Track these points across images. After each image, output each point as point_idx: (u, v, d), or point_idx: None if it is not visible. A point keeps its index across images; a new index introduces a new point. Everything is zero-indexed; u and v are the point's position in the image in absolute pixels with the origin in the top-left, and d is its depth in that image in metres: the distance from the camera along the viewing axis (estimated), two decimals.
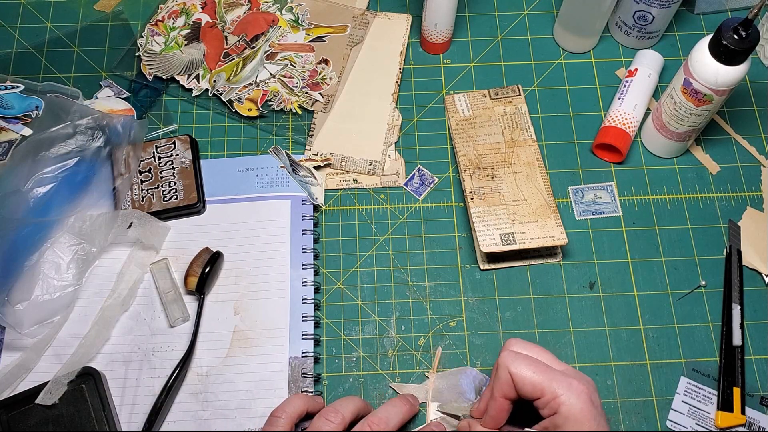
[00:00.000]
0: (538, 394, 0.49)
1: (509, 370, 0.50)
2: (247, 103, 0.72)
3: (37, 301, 0.59)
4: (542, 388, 0.49)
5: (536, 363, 0.50)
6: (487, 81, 0.74)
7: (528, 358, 0.50)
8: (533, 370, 0.49)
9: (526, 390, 0.49)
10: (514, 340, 0.53)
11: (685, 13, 0.78)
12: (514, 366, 0.50)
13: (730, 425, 0.59)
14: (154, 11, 0.77)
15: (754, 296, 0.64)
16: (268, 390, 0.60)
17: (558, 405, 0.48)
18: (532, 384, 0.49)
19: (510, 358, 0.50)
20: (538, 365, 0.50)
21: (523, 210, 0.65)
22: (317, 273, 0.65)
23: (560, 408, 0.48)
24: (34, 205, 0.62)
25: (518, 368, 0.50)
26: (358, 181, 0.70)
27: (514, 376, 0.50)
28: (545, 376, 0.49)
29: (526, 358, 0.50)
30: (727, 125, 0.72)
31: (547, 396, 0.49)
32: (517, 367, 0.50)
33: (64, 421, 0.57)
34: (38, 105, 0.69)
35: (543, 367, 0.50)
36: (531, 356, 0.51)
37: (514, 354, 0.51)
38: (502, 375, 0.50)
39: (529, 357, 0.51)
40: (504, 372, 0.50)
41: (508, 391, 0.50)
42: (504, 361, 0.50)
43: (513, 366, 0.50)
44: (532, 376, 0.49)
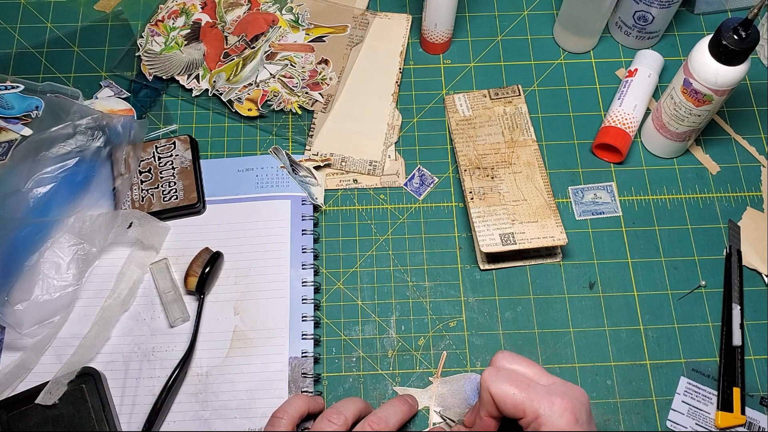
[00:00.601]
0: (519, 414, 0.47)
1: (489, 390, 0.48)
2: (247, 103, 0.72)
3: (37, 301, 0.59)
4: (523, 408, 0.47)
5: (518, 381, 0.48)
6: (487, 81, 0.74)
7: (510, 375, 0.49)
8: (514, 388, 0.48)
9: (507, 410, 0.48)
10: (502, 354, 0.51)
11: (685, 13, 0.78)
12: (494, 386, 0.48)
13: (730, 425, 0.59)
14: (154, 11, 0.77)
15: (754, 296, 0.64)
16: (268, 390, 0.60)
17: (539, 425, 0.46)
18: (513, 404, 0.47)
19: (492, 376, 0.49)
20: (520, 383, 0.48)
21: (523, 210, 0.65)
22: (317, 273, 0.65)
23: (541, 428, 0.46)
24: (34, 205, 0.62)
25: (499, 387, 0.48)
26: (358, 181, 0.70)
27: (495, 396, 0.48)
28: (526, 394, 0.47)
29: (508, 375, 0.49)
30: (727, 125, 0.72)
31: (528, 416, 0.47)
32: (498, 387, 0.48)
33: (64, 421, 0.57)
34: (38, 105, 0.69)
35: (524, 385, 0.48)
36: (515, 372, 0.49)
37: (495, 372, 0.49)
38: (483, 395, 0.49)
39: (512, 374, 0.49)
40: (485, 393, 0.49)
41: (492, 410, 0.49)
42: (485, 380, 0.49)
43: (493, 386, 0.48)
44: (513, 396, 0.47)
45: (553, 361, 0.62)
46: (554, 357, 0.62)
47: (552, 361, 0.62)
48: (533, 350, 0.62)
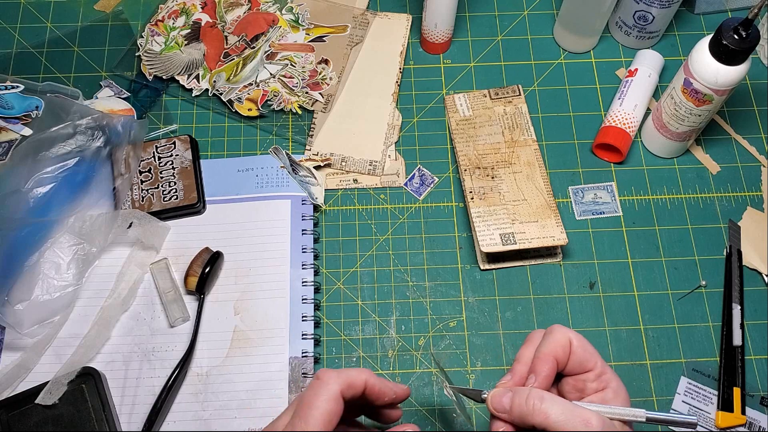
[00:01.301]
0: (591, 365, 0.46)
1: (570, 336, 0.46)
2: (247, 103, 0.72)
3: (37, 301, 0.59)
4: (596, 360, 0.46)
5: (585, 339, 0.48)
6: (487, 81, 0.74)
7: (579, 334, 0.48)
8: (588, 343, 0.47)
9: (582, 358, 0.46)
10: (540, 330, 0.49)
11: (685, 13, 0.78)
12: (572, 334, 0.47)
13: (730, 425, 0.59)
14: (154, 11, 0.77)
15: (754, 296, 0.64)
16: (268, 390, 0.60)
17: (608, 380, 0.46)
18: (590, 353, 0.46)
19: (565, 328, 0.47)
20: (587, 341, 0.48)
21: (523, 210, 0.65)
22: (317, 273, 0.65)
23: (610, 383, 0.46)
24: (34, 205, 0.62)
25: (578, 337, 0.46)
26: (358, 181, 0.70)
27: (574, 343, 0.46)
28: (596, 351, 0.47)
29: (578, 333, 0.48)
30: (727, 125, 0.72)
31: (598, 369, 0.46)
32: (578, 336, 0.46)
33: (64, 421, 0.57)
34: (38, 105, 0.69)
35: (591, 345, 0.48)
36: None
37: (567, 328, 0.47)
38: (559, 339, 0.46)
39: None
40: (563, 337, 0.46)
41: (562, 354, 0.46)
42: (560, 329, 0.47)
43: (572, 334, 0.47)
44: (589, 346, 0.46)
45: None
46: None
47: None
48: None
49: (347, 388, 0.42)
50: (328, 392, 0.41)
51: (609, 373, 0.46)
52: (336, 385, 0.42)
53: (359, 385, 0.43)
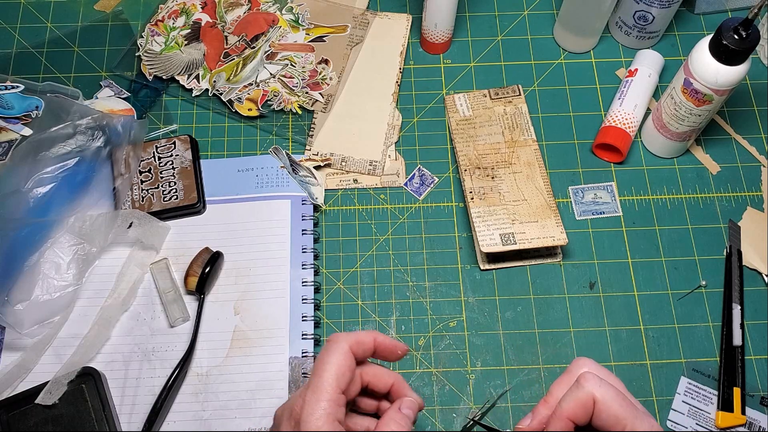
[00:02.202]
0: (619, 426, 0.42)
1: (594, 395, 0.43)
2: (247, 103, 0.72)
3: (37, 301, 0.59)
4: (625, 424, 0.42)
5: (621, 394, 0.43)
6: (487, 81, 0.74)
7: (613, 386, 0.44)
8: (620, 402, 0.43)
9: (606, 422, 0.43)
10: (586, 360, 0.45)
11: (685, 13, 0.78)
12: (600, 391, 0.43)
13: (730, 425, 0.59)
14: (154, 11, 0.77)
15: (754, 296, 0.64)
16: (268, 390, 0.60)
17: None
18: (617, 416, 0.42)
19: (596, 381, 0.43)
20: (623, 398, 0.43)
21: (523, 210, 0.65)
22: (317, 273, 0.65)
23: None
24: (34, 205, 0.62)
25: (606, 393, 0.43)
26: (358, 181, 0.70)
27: (599, 403, 0.43)
28: (630, 411, 0.43)
29: (611, 386, 0.44)
30: (727, 125, 0.72)
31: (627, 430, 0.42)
32: (605, 392, 0.43)
33: (64, 421, 0.57)
34: (38, 105, 0.69)
35: (627, 401, 0.43)
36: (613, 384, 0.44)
37: (599, 378, 0.43)
38: (581, 396, 0.43)
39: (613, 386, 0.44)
40: (586, 395, 0.43)
41: (582, 415, 0.43)
42: (587, 383, 0.43)
43: (599, 391, 0.43)
44: (618, 408, 0.42)
45: (553, 361, 0.62)
46: (554, 357, 0.62)
47: (552, 361, 0.62)
48: (533, 350, 0.62)
49: (356, 344, 0.45)
50: (338, 349, 0.44)
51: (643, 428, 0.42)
52: (345, 342, 0.45)
53: (368, 341, 0.46)
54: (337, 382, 0.43)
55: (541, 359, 0.62)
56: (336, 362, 0.44)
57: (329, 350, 0.45)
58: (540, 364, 0.62)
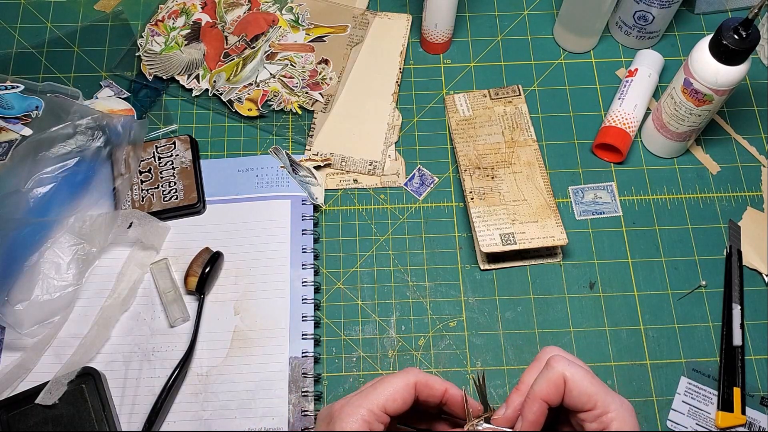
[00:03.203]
0: (590, 405, 0.44)
1: (564, 374, 0.44)
2: (247, 103, 0.72)
3: (37, 301, 0.59)
4: (596, 400, 0.43)
5: (589, 373, 0.45)
6: (487, 81, 0.74)
7: (582, 366, 0.45)
8: (589, 379, 0.44)
9: (577, 399, 0.44)
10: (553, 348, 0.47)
11: (685, 13, 0.78)
12: (570, 371, 0.44)
13: (730, 425, 0.59)
14: (154, 11, 0.77)
15: (754, 296, 0.64)
16: (268, 390, 0.60)
17: (609, 421, 0.43)
18: (588, 394, 0.43)
19: (564, 362, 0.44)
20: (592, 376, 0.44)
21: (523, 210, 0.65)
22: (317, 273, 0.65)
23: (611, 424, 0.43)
24: (34, 205, 0.62)
25: (574, 372, 0.44)
26: (358, 181, 0.70)
27: (569, 382, 0.44)
28: (600, 387, 0.44)
29: (579, 366, 0.45)
30: (727, 125, 0.72)
31: (598, 410, 0.44)
32: (574, 371, 0.44)
33: (64, 421, 0.57)
34: (38, 105, 0.69)
35: (596, 379, 0.44)
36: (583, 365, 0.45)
37: (567, 360, 0.45)
38: (552, 377, 0.44)
39: (580, 365, 0.45)
40: (556, 374, 0.44)
41: (554, 395, 0.44)
42: (557, 363, 0.44)
43: (569, 370, 0.44)
44: (588, 385, 0.44)
45: None
46: None
47: None
48: (533, 350, 0.62)
49: (424, 385, 0.45)
50: (405, 378, 0.45)
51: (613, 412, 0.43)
52: (414, 376, 0.45)
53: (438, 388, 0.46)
54: (386, 401, 0.44)
55: None
56: (396, 386, 0.44)
57: (397, 375, 0.45)
58: None
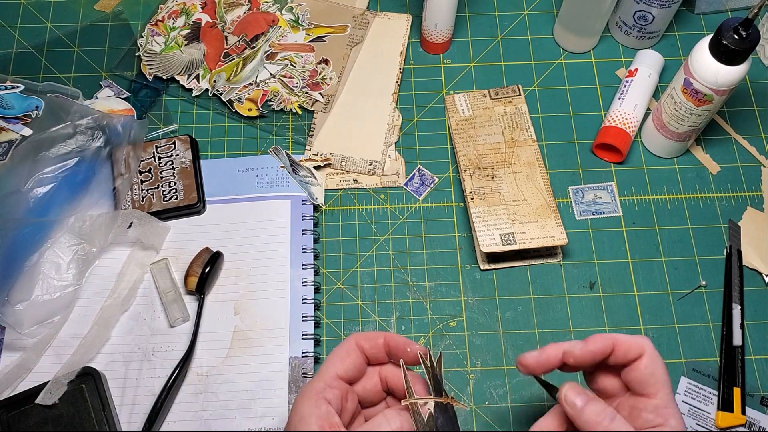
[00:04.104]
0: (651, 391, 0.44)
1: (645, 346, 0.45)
2: (247, 103, 0.72)
3: (37, 301, 0.59)
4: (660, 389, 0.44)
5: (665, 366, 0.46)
6: (487, 81, 0.74)
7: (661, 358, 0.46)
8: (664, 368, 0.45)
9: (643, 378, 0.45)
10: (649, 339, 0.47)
11: (685, 13, 0.78)
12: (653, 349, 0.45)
13: (730, 425, 0.59)
14: (154, 11, 0.77)
15: (754, 296, 0.64)
16: (268, 390, 0.60)
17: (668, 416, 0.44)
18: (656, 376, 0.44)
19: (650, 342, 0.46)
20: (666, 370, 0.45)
21: (523, 210, 0.65)
22: (317, 273, 0.65)
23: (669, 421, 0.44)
24: (34, 205, 0.62)
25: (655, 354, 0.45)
26: (358, 181, 0.70)
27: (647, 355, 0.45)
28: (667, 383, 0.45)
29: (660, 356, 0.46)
30: (727, 125, 0.72)
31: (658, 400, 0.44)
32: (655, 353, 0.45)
33: (64, 421, 0.57)
34: (38, 105, 0.69)
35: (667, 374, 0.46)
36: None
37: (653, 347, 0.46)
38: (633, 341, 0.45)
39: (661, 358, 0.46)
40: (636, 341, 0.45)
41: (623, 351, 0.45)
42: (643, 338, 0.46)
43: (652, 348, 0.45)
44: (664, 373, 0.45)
45: None
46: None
47: None
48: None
49: (365, 339, 0.47)
50: (345, 342, 0.48)
51: (672, 409, 0.44)
52: (353, 337, 0.48)
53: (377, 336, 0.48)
54: (334, 367, 0.46)
55: None
56: (338, 352, 0.47)
57: (341, 343, 0.48)
58: None
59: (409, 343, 0.48)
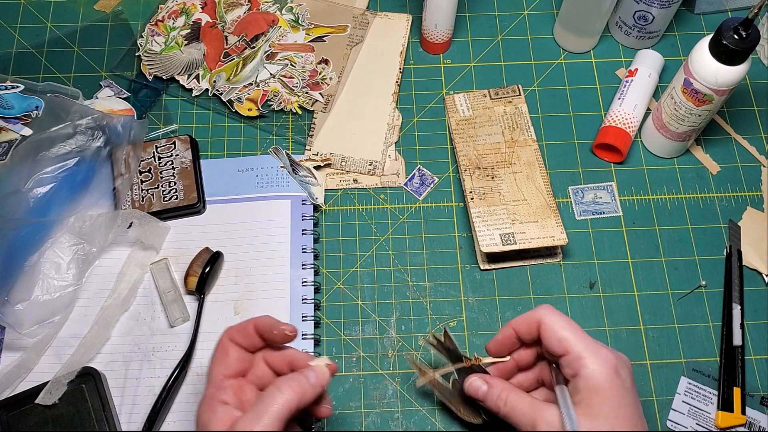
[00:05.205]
0: (562, 350, 0.48)
1: (539, 317, 0.49)
2: (247, 103, 0.72)
3: (37, 301, 0.59)
4: (568, 346, 0.48)
5: (571, 323, 0.49)
6: (487, 81, 0.74)
7: (565, 317, 0.50)
8: (565, 326, 0.49)
9: (550, 342, 0.48)
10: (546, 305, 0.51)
11: (685, 13, 0.78)
12: (548, 316, 0.49)
13: (730, 425, 0.59)
14: (154, 11, 0.77)
15: (754, 296, 0.64)
16: None
17: (580, 367, 0.47)
18: (559, 339, 0.48)
19: (546, 309, 0.50)
20: (573, 326, 0.49)
21: (523, 210, 0.65)
22: (317, 273, 0.65)
23: (581, 371, 0.47)
24: (34, 205, 0.62)
25: (551, 319, 0.49)
26: (358, 181, 0.70)
27: (543, 324, 0.49)
28: (576, 335, 0.48)
29: (563, 316, 0.49)
30: (727, 125, 0.72)
31: (571, 354, 0.47)
32: (550, 318, 0.49)
33: (64, 421, 0.57)
34: (38, 105, 0.69)
35: (576, 329, 0.49)
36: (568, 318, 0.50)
37: (552, 310, 0.50)
38: (528, 316, 0.50)
39: (566, 317, 0.50)
40: (531, 316, 0.50)
41: (525, 329, 0.50)
42: (538, 309, 0.50)
43: (547, 316, 0.49)
44: (562, 331, 0.48)
45: None
46: None
47: None
48: None
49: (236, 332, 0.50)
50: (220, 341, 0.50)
51: (588, 359, 0.47)
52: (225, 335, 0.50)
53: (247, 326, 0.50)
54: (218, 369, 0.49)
55: None
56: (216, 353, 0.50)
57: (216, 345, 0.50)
58: None
59: (274, 325, 0.50)
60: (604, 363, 0.47)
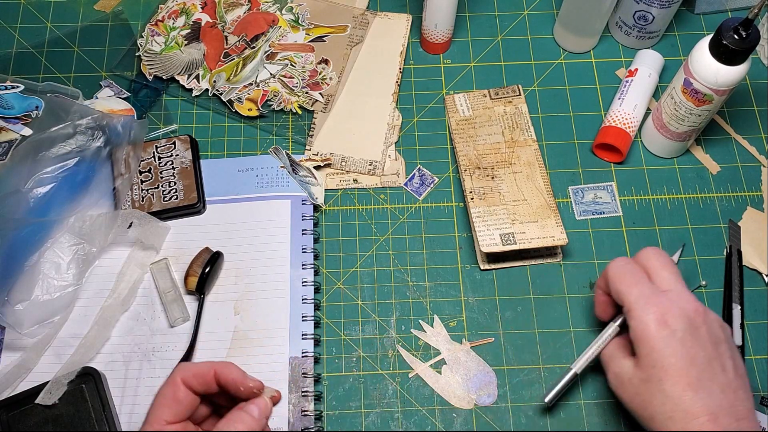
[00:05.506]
0: (620, 302, 0.51)
1: (608, 269, 0.53)
2: (247, 103, 0.72)
3: (37, 301, 0.59)
4: (622, 298, 0.51)
5: (634, 273, 0.52)
6: (487, 81, 0.74)
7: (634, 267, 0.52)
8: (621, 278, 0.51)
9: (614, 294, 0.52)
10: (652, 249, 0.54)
11: (685, 13, 0.78)
12: (610, 270, 0.53)
13: None
14: (154, 11, 0.77)
15: (754, 296, 0.64)
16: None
17: (630, 318, 0.50)
18: (616, 292, 0.52)
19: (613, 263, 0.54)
20: (635, 275, 0.51)
21: (523, 210, 0.65)
22: (317, 273, 0.65)
23: (630, 322, 0.50)
24: (34, 205, 0.62)
25: (610, 273, 0.53)
26: (358, 181, 0.70)
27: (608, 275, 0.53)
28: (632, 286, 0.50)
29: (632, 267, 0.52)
30: (727, 125, 0.72)
31: (625, 306, 0.51)
32: (611, 273, 0.53)
33: (64, 421, 0.57)
34: (38, 105, 0.69)
35: (635, 279, 0.51)
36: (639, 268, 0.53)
37: (617, 263, 0.53)
38: (604, 273, 0.55)
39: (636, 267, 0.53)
40: (605, 272, 0.54)
41: (603, 285, 0.55)
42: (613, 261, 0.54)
43: (609, 270, 0.53)
44: (616, 284, 0.52)
45: (553, 361, 0.62)
46: (554, 357, 0.62)
47: (552, 361, 0.62)
48: (533, 350, 0.62)
49: (192, 377, 0.47)
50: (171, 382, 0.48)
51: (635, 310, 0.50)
52: (178, 374, 0.48)
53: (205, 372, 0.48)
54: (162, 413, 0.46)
55: (541, 359, 0.62)
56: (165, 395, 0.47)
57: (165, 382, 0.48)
58: (540, 364, 0.62)
59: (240, 382, 0.48)
60: (650, 313, 0.49)
